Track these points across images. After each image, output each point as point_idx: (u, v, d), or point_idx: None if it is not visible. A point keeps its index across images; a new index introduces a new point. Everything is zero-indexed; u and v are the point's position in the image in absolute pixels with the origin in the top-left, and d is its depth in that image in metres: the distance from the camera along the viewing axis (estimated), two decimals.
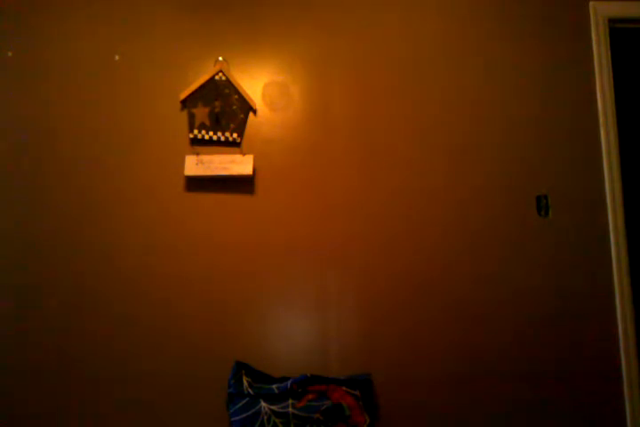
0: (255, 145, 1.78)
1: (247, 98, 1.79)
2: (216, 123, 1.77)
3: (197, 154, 1.75)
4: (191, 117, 1.76)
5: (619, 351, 1.68)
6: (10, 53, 1.80)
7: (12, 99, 1.78)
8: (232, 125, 1.77)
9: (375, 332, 1.68)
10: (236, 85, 1.78)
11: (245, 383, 1.59)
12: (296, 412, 1.52)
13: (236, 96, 1.78)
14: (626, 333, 1.68)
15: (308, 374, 1.58)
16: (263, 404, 1.55)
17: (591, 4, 1.89)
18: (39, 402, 1.61)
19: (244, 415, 1.53)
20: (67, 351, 1.64)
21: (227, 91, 1.78)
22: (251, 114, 1.80)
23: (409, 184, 1.77)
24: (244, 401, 1.56)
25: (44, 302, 1.66)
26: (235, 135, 1.77)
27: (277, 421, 1.52)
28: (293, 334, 1.67)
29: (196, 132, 1.76)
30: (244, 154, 1.76)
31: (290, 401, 1.55)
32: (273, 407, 1.54)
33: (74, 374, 1.63)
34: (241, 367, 1.61)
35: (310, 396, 1.57)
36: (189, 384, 1.63)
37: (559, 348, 1.69)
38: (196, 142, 1.77)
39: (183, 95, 1.77)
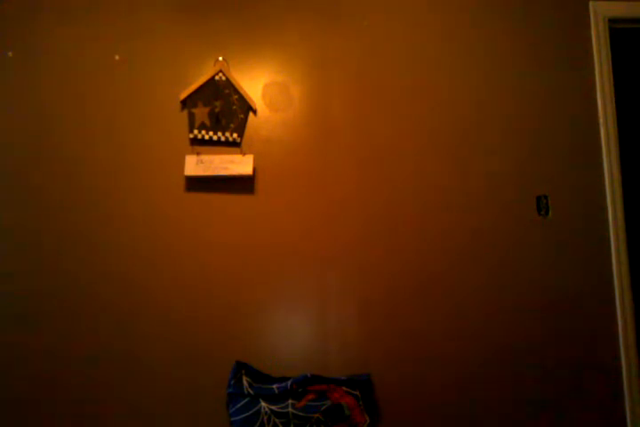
0: (255, 145, 1.78)
1: (247, 98, 1.79)
2: (216, 123, 1.77)
3: (197, 154, 1.75)
4: (191, 117, 1.76)
5: (619, 350, 1.68)
6: (10, 53, 1.80)
7: (12, 99, 1.78)
8: (232, 125, 1.77)
9: (375, 332, 1.68)
10: (236, 85, 1.78)
11: (245, 383, 1.59)
12: (296, 412, 1.53)
13: (236, 96, 1.78)
14: (626, 332, 1.69)
15: (308, 374, 1.58)
16: (263, 404, 1.55)
17: (591, 4, 1.89)
18: (39, 402, 1.61)
19: (244, 415, 1.53)
20: (66, 352, 1.64)
21: (227, 91, 1.78)
22: (251, 114, 1.80)
23: (409, 184, 1.77)
24: (244, 401, 1.56)
25: (43, 302, 1.66)
26: (235, 135, 1.77)
27: (277, 421, 1.52)
28: (293, 334, 1.67)
29: (195, 132, 1.76)
30: (244, 154, 1.76)
31: (290, 401, 1.55)
32: (273, 407, 1.54)
33: (73, 374, 1.63)
34: (241, 367, 1.61)
35: (310, 396, 1.57)
36: (189, 384, 1.63)
37: (559, 347, 1.69)
38: (196, 142, 1.77)
39: (183, 95, 1.77)
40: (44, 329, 1.65)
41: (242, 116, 1.78)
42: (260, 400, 1.56)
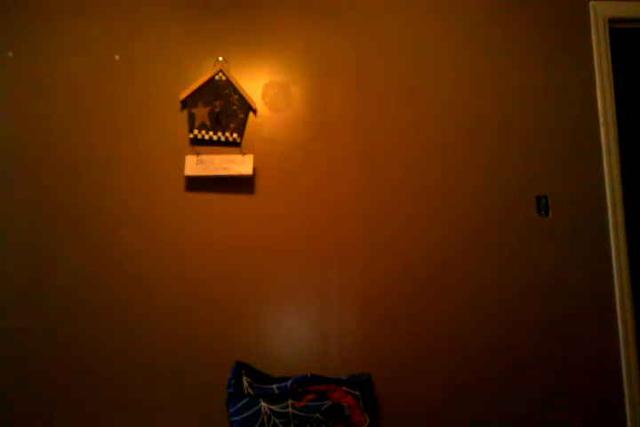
0: (255, 145, 1.78)
1: (247, 98, 1.79)
2: (216, 123, 1.77)
3: (197, 154, 1.75)
4: (191, 117, 1.76)
5: (619, 351, 1.68)
6: (10, 53, 1.80)
7: (12, 99, 1.78)
8: (232, 125, 1.77)
9: (375, 332, 1.68)
10: (236, 85, 1.78)
11: (245, 383, 1.59)
12: (296, 412, 1.52)
13: (236, 96, 1.78)
14: (626, 332, 1.68)
15: (309, 374, 1.58)
16: (263, 404, 1.55)
17: (591, 3, 1.89)
18: (40, 402, 1.61)
19: (243, 415, 1.53)
20: (66, 353, 1.64)
21: (227, 91, 1.78)
22: (251, 114, 1.80)
23: (408, 184, 1.77)
24: (243, 401, 1.56)
25: (42, 303, 1.66)
26: (235, 135, 1.77)
27: (277, 421, 1.52)
28: (294, 334, 1.67)
29: (195, 132, 1.76)
30: (244, 154, 1.76)
31: (290, 401, 1.55)
32: (273, 407, 1.54)
33: (74, 374, 1.63)
34: (241, 367, 1.61)
35: (310, 396, 1.57)
36: (189, 384, 1.63)
37: (559, 348, 1.69)
38: (196, 142, 1.77)
39: (183, 95, 1.77)
40: (42, 329, 1.65)
41: (242, 116, 1.78)
42: (260, 400, 1.56)
